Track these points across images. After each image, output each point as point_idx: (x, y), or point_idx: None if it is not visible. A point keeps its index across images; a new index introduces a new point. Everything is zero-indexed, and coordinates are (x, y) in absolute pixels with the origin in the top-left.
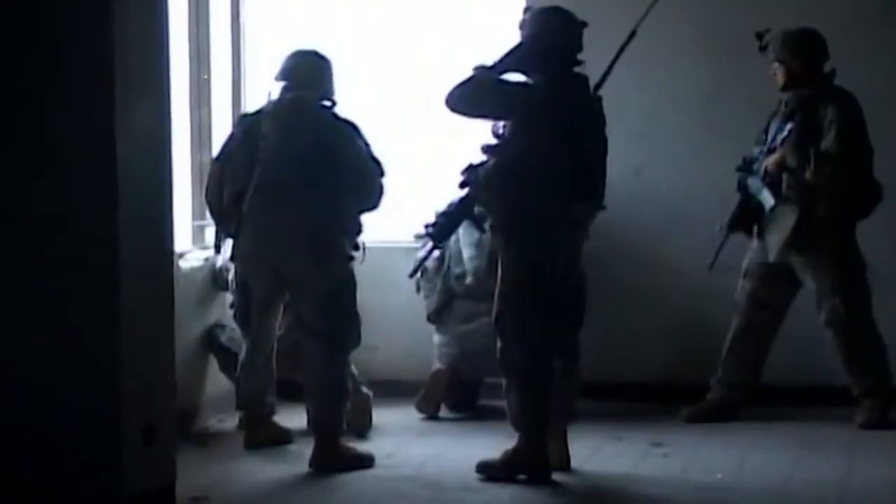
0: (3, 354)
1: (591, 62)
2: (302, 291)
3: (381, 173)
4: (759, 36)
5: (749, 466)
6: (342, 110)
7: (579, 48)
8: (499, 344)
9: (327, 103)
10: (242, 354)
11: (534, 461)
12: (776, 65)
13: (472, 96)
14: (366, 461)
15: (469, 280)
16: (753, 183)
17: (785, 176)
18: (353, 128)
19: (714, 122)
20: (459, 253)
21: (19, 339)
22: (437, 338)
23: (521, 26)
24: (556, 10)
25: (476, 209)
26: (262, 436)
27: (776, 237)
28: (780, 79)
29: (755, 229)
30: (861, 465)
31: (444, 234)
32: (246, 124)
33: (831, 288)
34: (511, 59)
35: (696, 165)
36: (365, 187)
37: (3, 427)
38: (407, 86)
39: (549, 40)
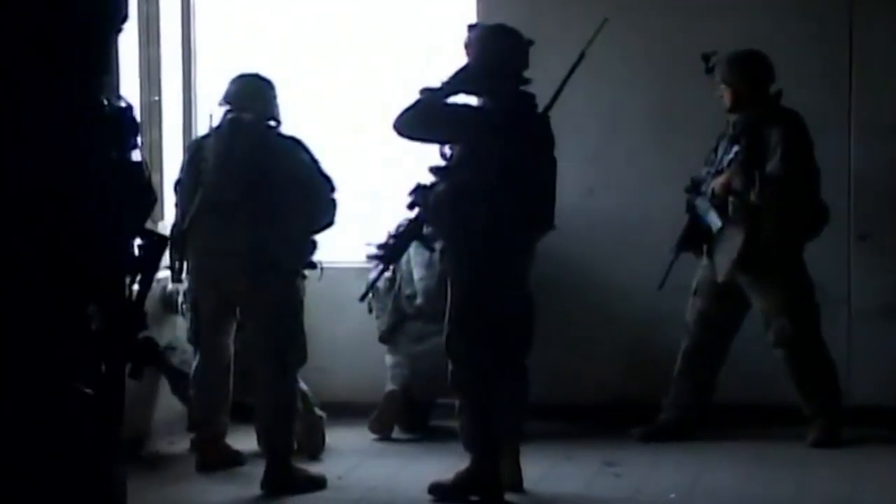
0: None
1: (541, 82)
2: (246, 310)
3: (332, 188)
4: (706, 58)
5: (702, 486)
6: (291, 130)
7: (526, 66)
8: (450, 366)
9: (272, 123)
10: (192, 374)
11: (486, 482)
12: (723, 87)
13: (419, 120)
14: (318, 483)
15: (419, 301)
16: (701, 204)
17: (731, 198)
18: (297, 143)
19: (665, 143)
20: (410, 273)
21: None
22: (389, 359)
23: (467, 45)
24: (502, 29)
25: (426, 229)
26: (214, 458)
27: (724, 258)
28: (727, 101)
29: (704, 248)
30: (813, 483)
31: (394, 254)
32: (192, 149)
33: (779, 308)
34: (458, 81)
35: (647, 186)
36: (314, 204)
37: None
38: (357, 106)
39: (496, 60)
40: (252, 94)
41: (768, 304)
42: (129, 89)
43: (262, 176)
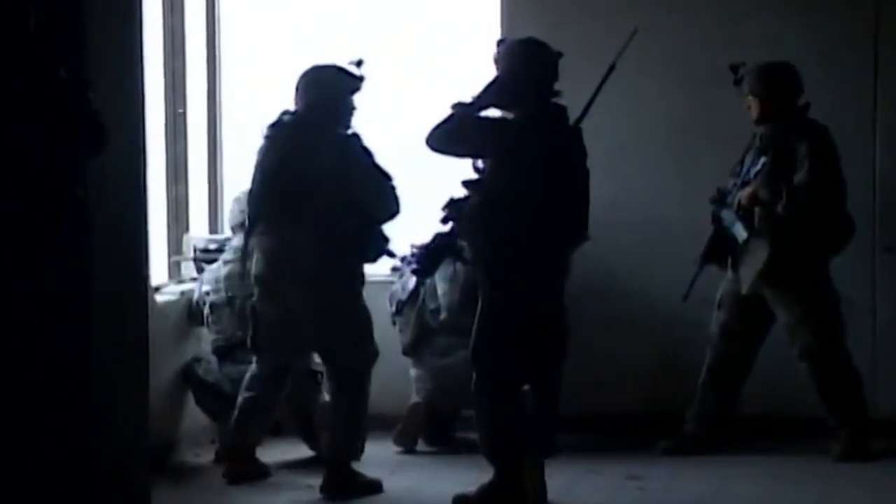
0: None
1: (570, 93)
2: (306, 317)
3: (389, 178)
4: (734, 69)
5: (726, 499)
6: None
7: (556, 78)
8: (473, 376)
9: (326, 118)
10: (246, 380)
11: (509, 495)
12: (750, 98)
13: (451, 135)
14: (375, 487)
15: (443, 315)
16: (727, 216)
17: (757, 210)
18: (351, 139)
19: (688, 154)
20: (434, 287)
21: None
22: (413, 372)
23: (496, 60)
24: (531, 42)
25: (459, 244)
26: (245, 469)
27: (749, 270)
28: (755, 112)
29: (729, 261)
30: (838, 497)
31: (428, 269)
32: (260, 149)
33: (804, 321)
34: (489, 95)
35: (670, 197)
36: (376, 199)
37: None
38: (383, 120)
39: (526, 73)
40: (300, 90)
41: (793, 317)
42: (154, 101)
43: (305, 180)
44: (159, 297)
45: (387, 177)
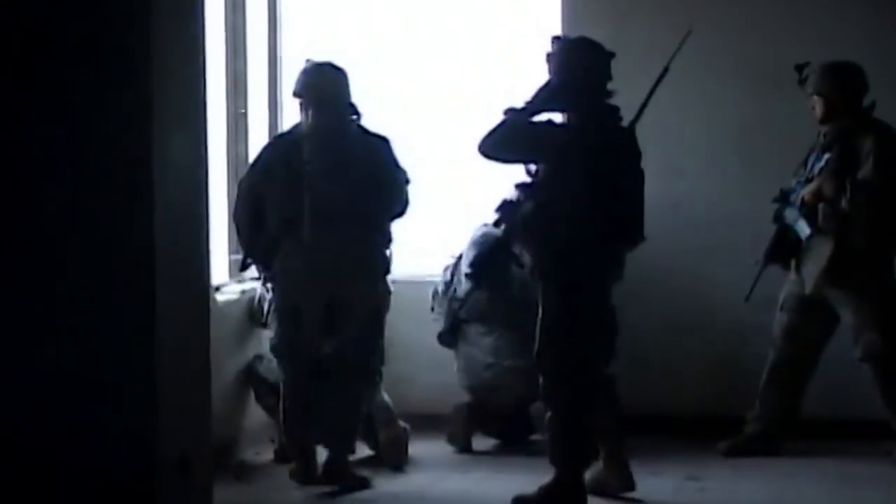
0: (36, 386)
1: (629, 94)
2: (349, 314)
3: (407, 181)
4: (799, 69)
5: (787, 501)
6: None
7: (609, 78)
8: (541, 380)
9: (354, 117)
10: (291, 386)
11: (570, 496)
12: (815, 97)
13: (504, 142)
14: (364, 483)
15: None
16: (790, 213)
17: (821, 206)
18: (384, 141)
19: (752, 155)
20: (462, 276)
21: (53, 370)
22: (455, 364)
23: (548, 59)
24: (584, 43)
25: (512, 246)
26: (314, 470)
27: (812, 269)
28: (819, 111)
29: (792, 262)
30: None
31: (483, 272)
32: (284, 148)
33: (868, 322)
34: (541, 100)
35: (734, 199)
36: (398, 199)
37: (34, 460)
38: (439, 118)
39: (578, 75)
40: (336, 89)
41: (858, 318)
42: (216, 101)
43: (370, 182)
44: (220, 297)
45: (406, 178)
